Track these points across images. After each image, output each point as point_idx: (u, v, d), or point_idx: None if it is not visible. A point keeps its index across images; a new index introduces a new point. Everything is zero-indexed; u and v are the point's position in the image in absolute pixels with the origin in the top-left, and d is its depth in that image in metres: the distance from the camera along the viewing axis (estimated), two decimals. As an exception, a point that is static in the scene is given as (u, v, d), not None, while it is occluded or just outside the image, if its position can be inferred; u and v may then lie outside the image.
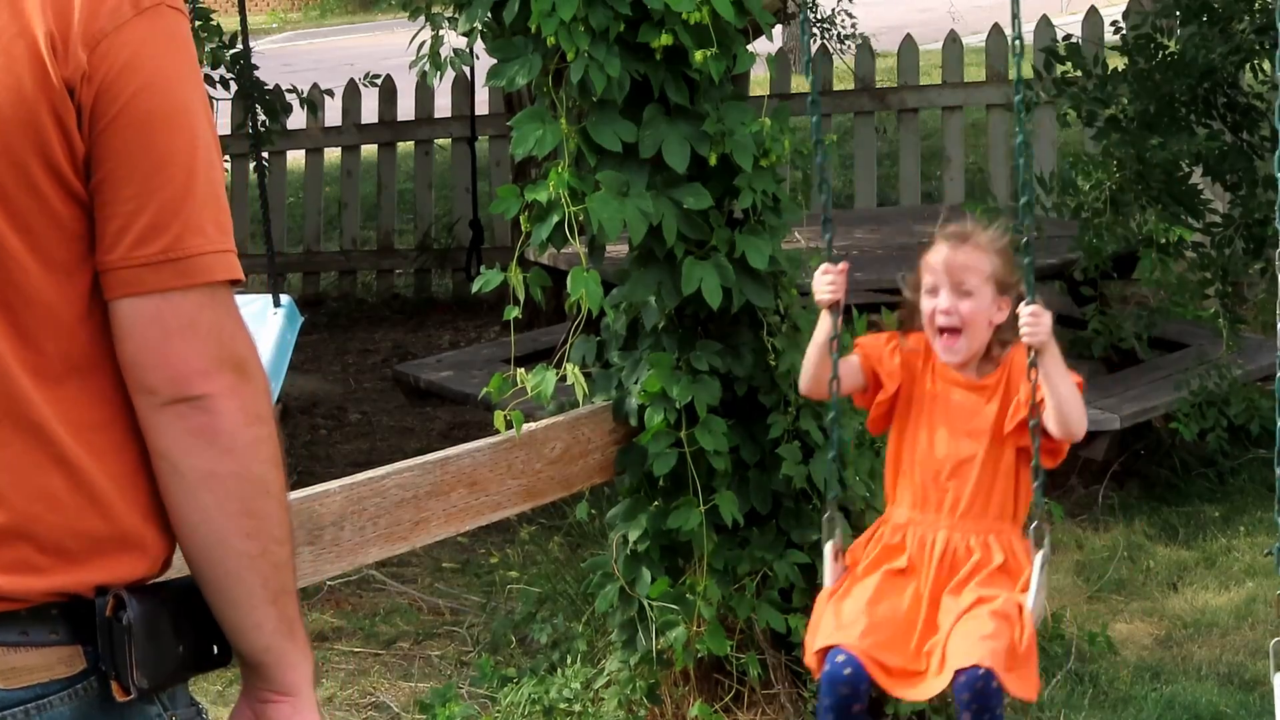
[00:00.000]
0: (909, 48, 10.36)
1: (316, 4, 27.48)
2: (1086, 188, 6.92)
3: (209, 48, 8.39)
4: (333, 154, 11.38)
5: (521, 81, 4.64)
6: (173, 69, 1.92)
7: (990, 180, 9.86)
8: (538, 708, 5.06)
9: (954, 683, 3.76)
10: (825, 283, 4.02)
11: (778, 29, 10.99)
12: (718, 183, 4.70)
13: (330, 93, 10.61)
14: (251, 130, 7.28)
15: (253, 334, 1.99)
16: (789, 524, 4.90)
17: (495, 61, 4.67)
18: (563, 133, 4.63)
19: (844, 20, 12.68)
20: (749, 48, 4.89)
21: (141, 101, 1.89)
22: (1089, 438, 6.85)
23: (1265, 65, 7.03)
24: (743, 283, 4.73)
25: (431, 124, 10.79)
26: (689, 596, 4.79)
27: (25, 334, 1.90)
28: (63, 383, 1.92)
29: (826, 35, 12.70)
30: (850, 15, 12.68)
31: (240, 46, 8.93)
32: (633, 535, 4.82)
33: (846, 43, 12.40)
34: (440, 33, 6.97)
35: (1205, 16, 6.97)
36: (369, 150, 11.39)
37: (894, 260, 7.52)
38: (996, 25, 10.43)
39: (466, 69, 7.94)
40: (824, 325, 4.03)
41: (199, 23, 8.38)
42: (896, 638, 3.84)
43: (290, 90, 9.46)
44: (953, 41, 10.37)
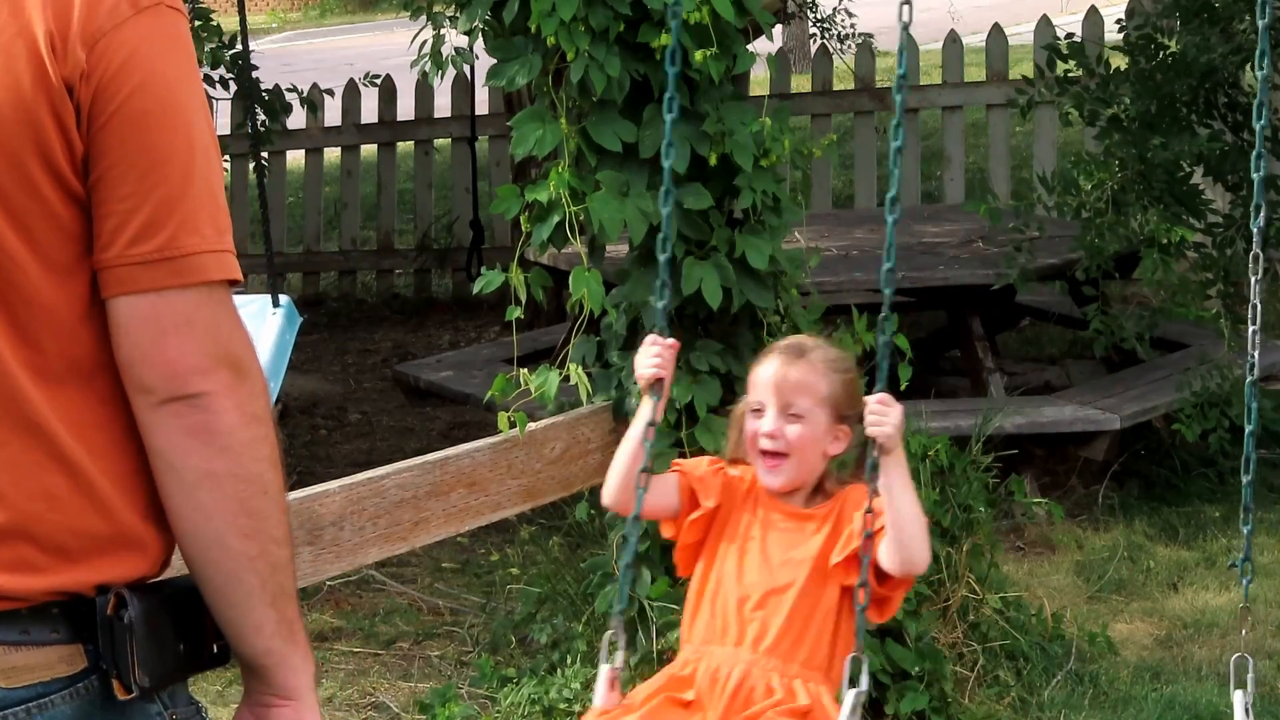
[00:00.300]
0: (909, 48, 10.35)
1: (316, 4, 27.49)
2: (1088, 187, 6.92)
3: (209, 48, 8.37)
4: (333, 154, 11.37)
5: (521, 81, 4.64)
6: (171, 68, 1.92)
7: (990, 180, 9.85)
8: (538, 708, 5.06)
9: None
10: (650, 355, 3.38)
11: (778, 29, 10.98)
12: (718, 183, 4.70)
13: (330, 93, 10.60)
14: (251, 130, 7.28)
15: (251, 334, 1.99)
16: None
17: (495, 61, 4.67)
18: (563, 133, 4.63)
19: (844, 20, 12.65)
20: (749, 48, 4.89)
21: (139, 100, 1.89)
22: (1089, 438, 6.88)
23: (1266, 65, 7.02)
24: (743, 283, 4.72)
25: (431, 124, 10.78)
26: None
27: (25, 333, 1.90)
28: (63, 382, 1.92)
29: (827, 35, 12.68)
30: (850, 15, 12.66)
31: (240, 46, 8.92)
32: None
33: (847, 42, 12.38)
34: (441, 32, 6.96)
35: (1206, 16, 6.97)
36: (369, 150, 11.38)
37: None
38: (996, 25, 10.44)
39: (466, 69, 7.94)
40: (642, 412, 3.39)
41: (199, 23, 8.37)
42: None
43: (290, 90, 9.45)
44: (953, 41, 10.38)
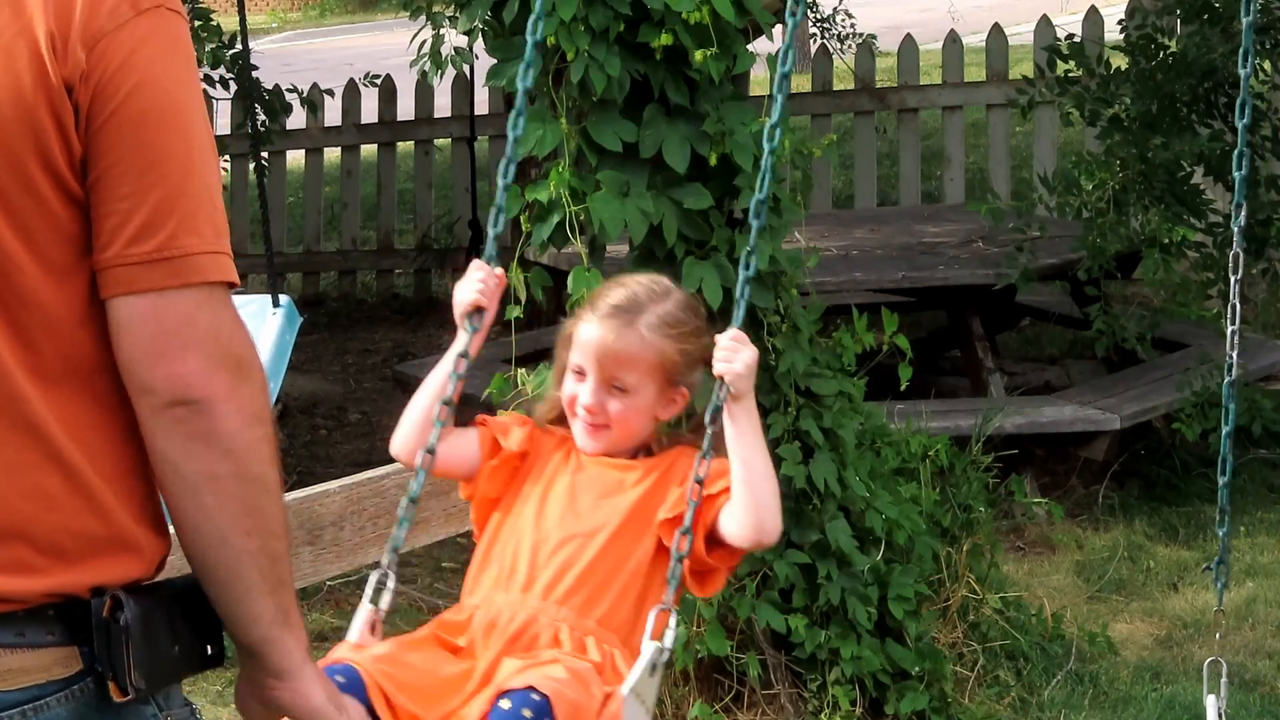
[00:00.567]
0: (909, 48, 10.36)
1: (316, 4, 27.48)
2: (1089, 187, 6.92)
3: (209, 48, 8.38)
4: (333, 154, 11.37)
5: (521, 81, 4.63)
6: (170, 70, 1.92)
7: (990, 180, 9.85)
8: (538, 708, 5.05)
9: (491, 709, 2.62)
10: (473, 280, 2.99)
11: (778, 29, 10.97)
12: (718, 183, 4.69)
13: (330, 93, 10.60)
14: (251, 130, 7.28)
15: (251, 334, 1.99)
16: (789, 524, 4.89)
17: (495, 61, 4.67)
18: (563, 133, 4.62)
19: (844, 20, 12.64)
20: (749, 48, 4.89)
21: (137, 100, 1.89)
22: (1089, 438, 6.88)
23: (1266, 65, 7.03)
24: (743, 282, 4.72)
25: (431, 124, 10.78)
26: (689, 596, 4.77)
27: (23, 334, 1.90)
28: (61, 383, 1.92)
29: (827, 35, 12.67)
30: (850, 15, 12.65)
31: (240, 46, 8.91)
32: (633, 535, 4.81)
33: (847, 42, 12.38)
34: (441, 31, 6.96)
35: (1206, 16, 6.96)
36: (369, 150, 11.38)
37: (894, 260, 7.53)
38: (997, 25, 10.44)
39: (466, 68, 7.94)
40: (456, 343, 2.95)
41: (199, 23, 8.37)
42: (424, 690, 2.68)
43: (290, 90, 9.45)
44: (953, 41, 10.37)
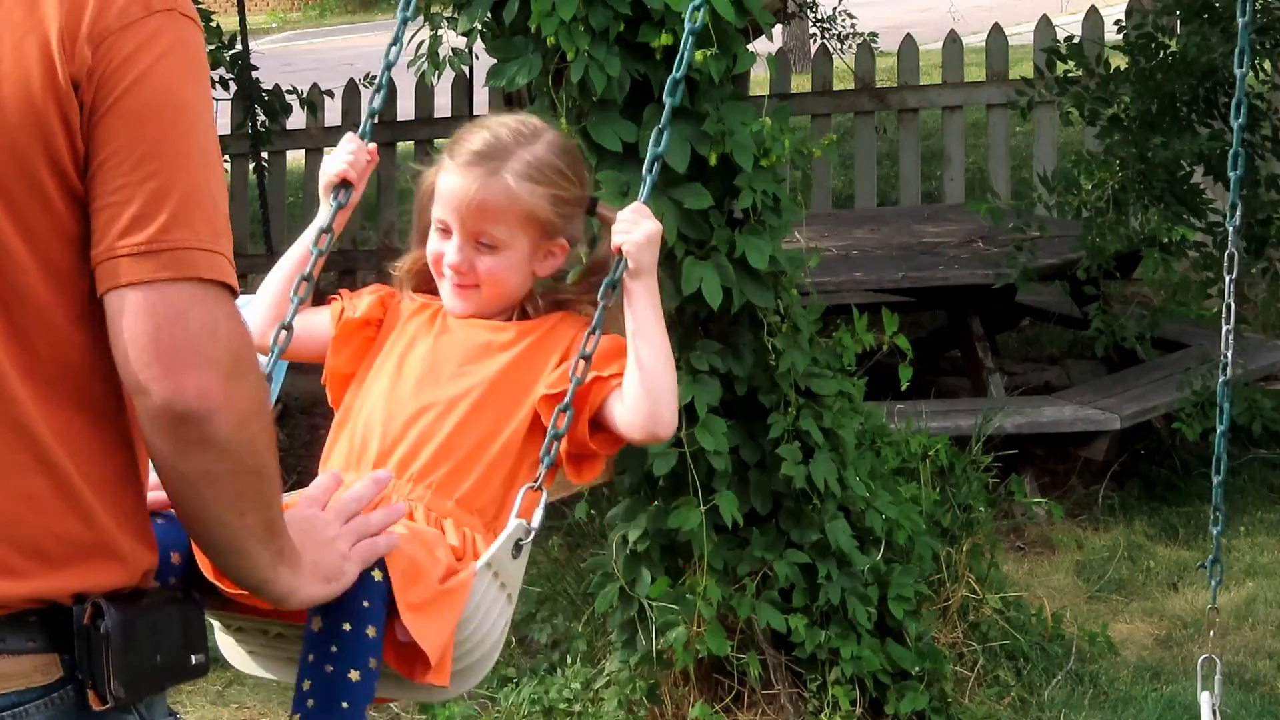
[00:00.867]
0: (909, 48, 10.35)
1: (316, 4, 27.47)
2: (1089, 187, 6.92)
3: (209, 48, 8.38)
4: (333, 154, 11.36)
5: (521, 81, 4.63)
6: (175, 67, 1.90)
7: (990, 180, 9.85)
8: (537, 708, 5.05)
9: None
10: (343, 153, 2.82)
11: (778, 29, 10.98)
12: (718, 183, 4.69)
13: (330, 93, 10.59)
14: (251, 130, 7.28)
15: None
16: (789, 524, 4.89)
17: (495, 61, 4.67)
18: (563, 133, 4.62)
19: (844, 20, 12.63)
20: (749, 48, 4.89)
21: (138, 93, 1.88)
22: (1089, 438, 6.87)
23: (1266, 64, 7.03)
24: (743, 283, 4.72)
25: (431, 124, 10.77)
26: (689, 596, 4.78)
27: (19, 333, 1.89)
28: (55, 386, 1.91)
29: (827, 35, 12.66)
30: (850, 15, 12.65)
31: (240, 46, 8.93)
32: (632, 535, 4.82)
33: (847, 42, 12.37)
34: (439, 31, 6.96)
35: (1206, 15, 6.96)
36: (369, 150, 11.37)
37: (894, 260, 7.53)
38: (997, 25, 10.44)
39: (466, 68, 7.94)
40: (319, 217, 2.76)
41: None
42: None
43: (290, 90, 9.45)
44: (953, 41, 10.37)
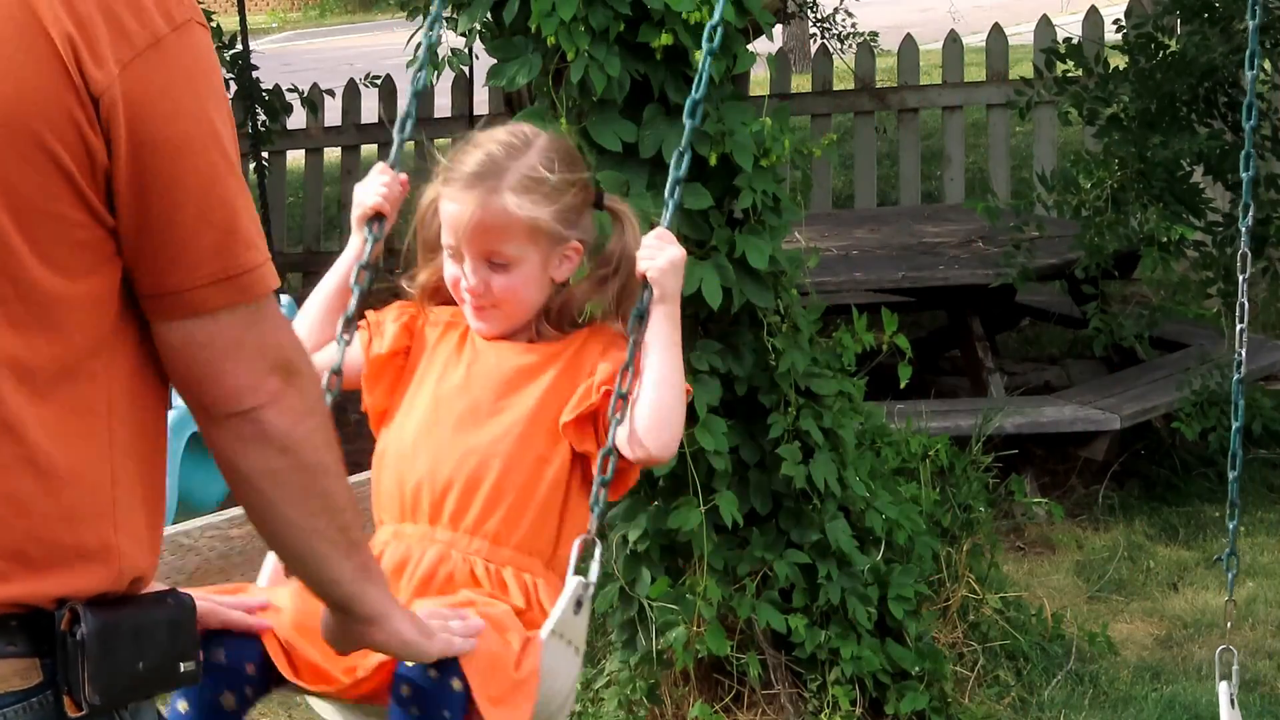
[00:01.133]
0: (909, 48, 10.35)
1: (316, 4, 27.48)
2: (1088, 186, 6.92)
3: (209, 48, 8.37)
4: (333, 154, 11.37)
5: (521, 81, 4.63)
6: (203, 89, 1.93)
7: (990, 180, 9.85)
8: (538, 708, 5.05)
9: (394, 671, 2.41)
10: (376, 184, 2.80)
11: (778, 29, 10.97)
12: (718, 183, 4.69)
13: (330, 93, 10.59)
14: (251, 130, 7.28)
15: None
16: (789, 524, 4.89)
17: (495, 61, 4.67)
18: (563, 133, 4.62)
19: (844, 20, 12.63)
20: (749, 48, 4.89)
21: (174, 123, 1.89)
22: (1089, 438, 6.87)
23: (1266, 64, 7.02)
24: (743, 283, 4.72)
25: (431, 124, 10.78)
26: (689, 596, 4.78)
27: (18, 330, 1.88)
28: (51, 385, 1.90)
29: (827, 35, 12.66)
30: (850, 15, 12.65)
31: (240, 46, 8.92)
32: (633, 535, 4.82)
33: (847, 42, 12.37)
34: (439, 31, 6.96)
35: (1206, 15, 6.97)
36: (369, 150, 11.37)
37: (894, 260, 7.53)
38: (997, 25, 10.44)
39: (465, 69, 7.94)
40: (351, 248, 2.77)
41: (199, 23, 8.37)
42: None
43: (290, 90, 9.45)
44: (953, 41, 10.37)
